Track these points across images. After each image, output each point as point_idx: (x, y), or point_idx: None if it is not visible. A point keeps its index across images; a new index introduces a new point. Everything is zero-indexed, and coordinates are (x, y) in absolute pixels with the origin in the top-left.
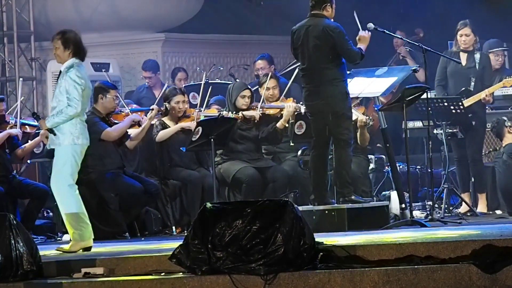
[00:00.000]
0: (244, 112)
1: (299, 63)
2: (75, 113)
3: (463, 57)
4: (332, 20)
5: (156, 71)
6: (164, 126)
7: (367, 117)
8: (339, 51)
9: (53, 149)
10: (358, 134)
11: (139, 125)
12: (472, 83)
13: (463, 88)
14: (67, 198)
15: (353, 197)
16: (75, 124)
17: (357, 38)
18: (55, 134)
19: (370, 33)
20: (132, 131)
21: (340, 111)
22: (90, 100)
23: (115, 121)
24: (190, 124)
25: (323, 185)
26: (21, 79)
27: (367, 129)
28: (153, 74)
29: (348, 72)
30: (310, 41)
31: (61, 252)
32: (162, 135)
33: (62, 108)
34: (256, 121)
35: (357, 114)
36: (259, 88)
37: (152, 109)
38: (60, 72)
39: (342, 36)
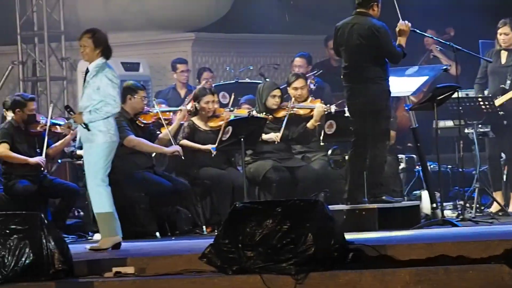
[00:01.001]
0: (264, 136)
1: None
2: (116, 112)
3: (504, 56)
4: (377, 19)
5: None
6: (193, 127)
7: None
8: (383, 52)
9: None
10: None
11: (169, 124)
12: (508, 82)
13: (501, 86)
14: (100, 196)
15: (384, 197)
16: (110, 121)
17: (396, 29)
18: (89, 130)
19: (410, 24)
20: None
21: (382, 109)
22: None
23: (144, 121)
24: (209, 147)
25: (358, 184)
26: (51, 104)
27: (392, 126)
28: (188, 67)
29: None
30: (354, 39)
31: (93, 251)
32: (184, 144)
33: (96, 106)
34: (276, 142)
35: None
36: (288, 88)
37: (181, 110)
38: (87, 70)
39: (386, 37)
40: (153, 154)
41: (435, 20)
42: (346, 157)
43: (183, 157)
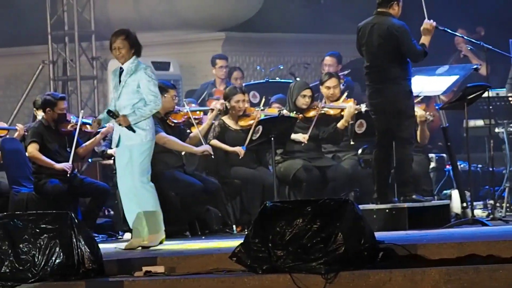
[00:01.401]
0: (292, 136)
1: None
2: (159, 108)
3: None
4: (397, 18)
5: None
6: (224, 126)
7: (427, 113)
8: (403, 50)
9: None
10: (418, 131)
11: (199, 124)
12: None
13: None
14: (149, 195)
15: (414, 196)
16: (150, 119)
17: (421, 28)
18: (134, 131)
19: (434, 23)
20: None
21: (403, 109)
22: None
23: (174, 120)
24: (237, 149)
25: (386, 183)
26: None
27: (427, 127)
28: (227, 63)
29: None
30: (375, 40)
31: (145, 248)
32: (214, 144)
33: (138, 105)
34: (304, 143)
35: (417, 110)
36: (320, 87)
37: (212, 110)
38: (121, 70)
39: (406, 35)
40: (183, 153)
41: (465, 19)
42: None
43: (213, 157)
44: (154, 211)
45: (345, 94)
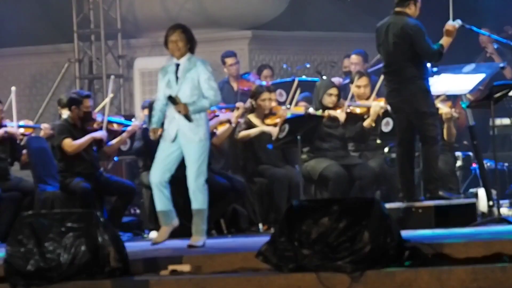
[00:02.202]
0: (330, 111)
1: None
2: (217, 103)
3: None
4: (414, 18)
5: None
6: (250, 124)
7: (453, 110)
8: (417, 50)
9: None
10: (444, 128)
11: (229, 123)
12: None
13: None
14: (204, 194)
15: (440, 192)
16: (207, 116)
17: (444, 29)
18: (191, 121)
19: (457, 25)
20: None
21: (422, 109)
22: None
23: None
24: (271, 129)
25: (411, 182)
26: (112, 76)
27: (454, 125)
28: (237, 59)
29: (435, 69)
30: (390, 39)
31: (192, 247)
32: (242, 135)
33: (200, 99)
34: (341, 122)
35: (442, 107)
36: (350, 85)
37: (238, 108)
38: (177, 66)
39: (420, 35)
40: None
41: (493, 18)
42: None
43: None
44: (204, 212)
45: (375, 92)
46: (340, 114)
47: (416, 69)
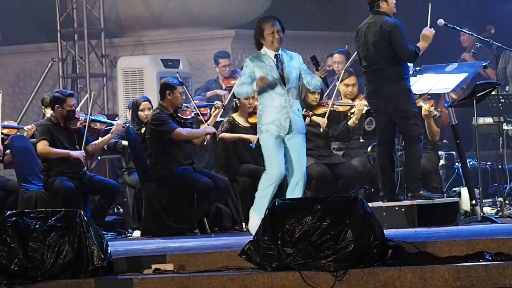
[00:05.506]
0: (313, 117)
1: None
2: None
3: None
4: (392, 15)
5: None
6: (233, 124)
7: (432, 107)
8: (394, 47)
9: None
10: (425, 126)
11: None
12: None
13: None
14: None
15: (421, 191)
16: None
17: (421, 34)
18: (328, 87)
19: (434, 31)
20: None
21: (403, 108)
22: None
23: (183, 117)
24: (251, 137)
25: (391, 181)
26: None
27: (437, 123)
28: (230, 61)
29: (418, 68)
30: (370, 39)
31: None
32: (223, 136)
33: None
34: (322, 128)
35: (421, 105)
36: (337, 83)
37: (217, 107)
38: (277, 57)
39: (397, 33)
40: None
41: (474, 17)
42: None
43: (217, 138)
44: None
45: (363, 95)
46: (322, 120)
47: (396, 69)
